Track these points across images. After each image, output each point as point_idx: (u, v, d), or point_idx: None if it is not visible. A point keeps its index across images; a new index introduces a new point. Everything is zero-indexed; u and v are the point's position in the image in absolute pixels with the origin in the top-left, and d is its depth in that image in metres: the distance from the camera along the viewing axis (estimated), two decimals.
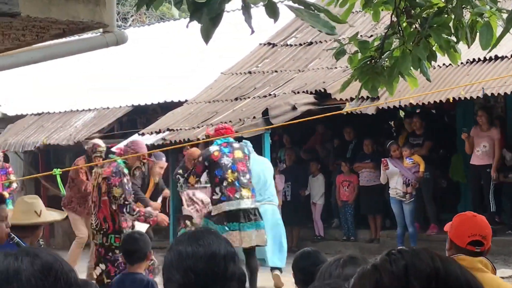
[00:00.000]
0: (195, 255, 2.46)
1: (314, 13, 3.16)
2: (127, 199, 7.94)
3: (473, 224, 4.11)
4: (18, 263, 2.07)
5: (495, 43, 3.95)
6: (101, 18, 4.57)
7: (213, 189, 8.86)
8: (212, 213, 8.84)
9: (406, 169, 11.83)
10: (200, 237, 2.51)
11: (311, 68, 14.21)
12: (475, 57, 11.60)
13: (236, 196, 8.71)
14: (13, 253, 2.11)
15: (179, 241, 2.55)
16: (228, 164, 8.79)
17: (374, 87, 4.85)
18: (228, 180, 8.73)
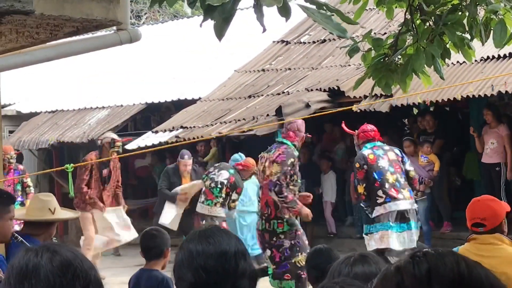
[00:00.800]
0: (205, 253, 2.46)
1: (326, 14, 3.16)
2: (280, 180, 7.92)
3: (473, 208, 4.75)
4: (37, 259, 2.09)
5: (508, 40, 3.93)
6: (115, 16, 4.59)
7: (375, 193, 8.52)
8: (375, 214, 8.53)
9: (420, 167, 11.80)
10: (210, 235, 2.51)
11: (324, 66, 14.19)
12: (489, 55, 11.54)
13: (399, 196, 8.51)
14: (34, 249, 2.14)
15: (189, 239, 2.55)
16: (385, 166, 8.59)
17: (387, 84, 4.84)
18: (389, 181, 8.54)
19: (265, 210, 8.03)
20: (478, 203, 4.81)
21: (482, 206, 4.76)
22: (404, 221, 8.45)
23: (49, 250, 2.12)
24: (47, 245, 2.18)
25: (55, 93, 18.22)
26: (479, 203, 4.81)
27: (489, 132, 11.45)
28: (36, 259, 2.09)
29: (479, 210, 4.71)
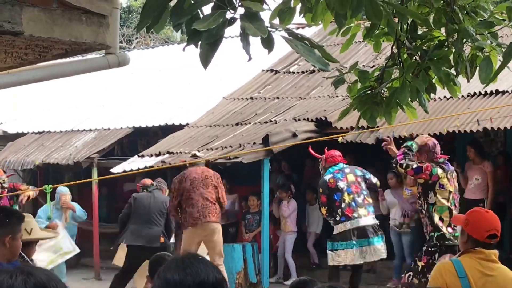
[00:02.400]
0: (183, 284, 2.43)
1: (308, 47, 3.19)
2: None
3: (489, 219, 4.63)
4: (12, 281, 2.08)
5: (493, 77, 3.98)
6: (104, 40, 4.60)
7: (335, 212, 9.55)
8: (334, 232, 9.64)
9: (404, 200, 11.82)
10: (188, 265, 2.47)
11: (312, 96, 14.25)
12: (475, 91, 11.65)
13: (354, 215, 9.48)
14: (9, 271, 2.12)
15: (167, 268, 2.51)
16: (344, 188, 9.57)
17: (372, 117, 4.87)
18: (346, 201, 9.52)
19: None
20: (488, 214, 4.70)
21: (494, 217, 4.67)
22: (363, 237, 9.42)
23: (23, 272, 2.11)
24: (22, 267, 2.17)
25: (42, 114, 18.20)
26: (489, 214, 4.70)
27: (473, 168, 11.51)
28: (11, 280, 2.08)
29: (494, 221, 4.62)
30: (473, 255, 4.55)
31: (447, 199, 8.06)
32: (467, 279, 4.43)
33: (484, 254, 4.52)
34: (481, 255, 4.52)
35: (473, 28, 4.65)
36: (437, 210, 8.04)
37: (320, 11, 4.46)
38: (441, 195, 8.05)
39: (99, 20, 4.55)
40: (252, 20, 2.98)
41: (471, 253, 4.56)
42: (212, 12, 3.01)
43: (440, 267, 4.58)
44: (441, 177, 8.06)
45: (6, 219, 4.55)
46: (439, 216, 8.01)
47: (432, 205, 8.06)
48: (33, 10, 4.20)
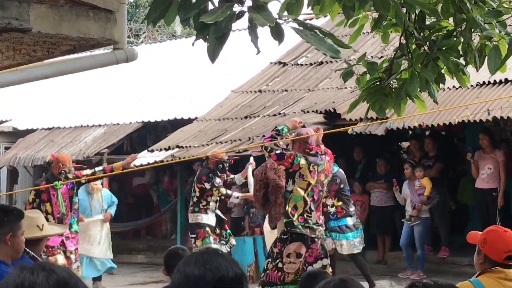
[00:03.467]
0: (202, 279, 2.42)
1: (319, 36, 3.18)
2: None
3: (508, 240, 4.42)
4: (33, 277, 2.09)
5: (500, 66, 3.96)
6: (112, 35, 4.61)
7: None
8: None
9: (414, 192, 11.80)
10: (208, 260, 2.46)
11: (321, 88, 14.23)
12: (485, 80, 11.60)
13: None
14: (30, 267, 2.13)
15: (186, 263, 2.50)
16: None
17: (381, 108, 4.85)
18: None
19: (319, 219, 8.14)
20: (507, 233, 4.47)
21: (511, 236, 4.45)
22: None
23: (45, 269, 2.12)
24: (43, 264, 2.17)
25: (51, 110, 18.23)
26: (507, 233, 4.47)
27: (485, 158, 11.46)
28: (32, 277, 2.09)
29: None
30: (492, 275, 4.39)
31: (305, 189, 8.03)
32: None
33: (504, 273, 4.37)
34: (501, 274, 4.37)
35: (482, 17, 4.63)
36: (292, 198, 8.05)
37: (328, 2, 4.45)
38: (299, 185, 8.03)
39: (106, 16, 4.56)
40: (259, 10, 2.97)
41: (490, 272, 4.40)
42: (220, 5, 3.00)
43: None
44: (302, 167, 8.02)
45: (5, 217, 4.54)
46: (293, 204, 8.02)
47: (289, 192, 8.08)
48: (40, 7, 4.21)
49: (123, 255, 15.20)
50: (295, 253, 8.02)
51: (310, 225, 8.00)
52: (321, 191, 8.15)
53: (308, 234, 7.96)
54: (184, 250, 5.56)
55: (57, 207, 9.83)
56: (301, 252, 8.00)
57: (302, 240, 8.00)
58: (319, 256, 8.05)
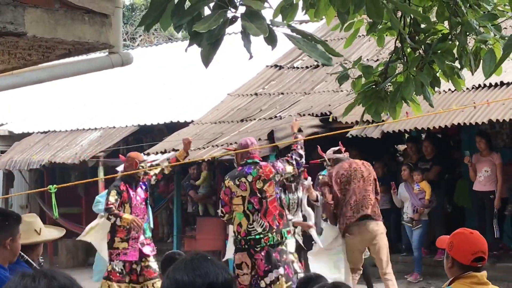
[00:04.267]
0: (192, 285, 2.42)
1: (311, 43, 3.18)
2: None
3: (474, 241, 4.30)
4: (35, 284, 2.08)
5: (495, 69, 3.97)
6: (107, 39, 4.61)
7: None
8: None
9: (414, 195, 11.81)
10: (198, 266, 2.46)
11: (317, 91, 14.24)
12: (480, 83, 11.61)
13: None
14: (31, 274, 2.12)
15: (176, 268, 2.49)
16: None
17: (377, 112, 4.86)
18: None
19: (273, 224, 7.94)
20: (473, 235, 4.36)
21: (479, 238, 4.34)
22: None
23: (46, 276, 2.11)
24: (44, 270, 2.17)
25: (47, 113, 18.23)
26: (474, 235, 4.36)
27: (482, 160, 11.47)
28: (34, 284, 2.08)
29: (480, 243, 4.30)
30: (465, 280, 4.26)
31: (242, 204, 8.04)
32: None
33: (476, 277, 4.23)
34: (474, 279, 4.24)
35: (476, 21, 4.64)
36: (236, 217, 8.13)
37: (322, 6, 4.45)
38: (235, 202, 8.09)
39: (101, 20, 4.55)
40: (253, 18, 2.98)
41: (463, 278, 4.27)
42: (213, 13, 3.01)
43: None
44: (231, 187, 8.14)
45: (6, 221, 4.55)
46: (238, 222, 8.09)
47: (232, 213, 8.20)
48: (35, 11, 4.20)
49: None
50: (245, 263, 7.99)
51: (252, 237, 7.93)
52: (263, 198, 7.99)
53: (252, 244, 7.93)
54: (181, 255, 5.55)
55: (136, 209, 9.26)
56: (247, 262, 7.96)
57: (244, 250, 7.98)
58: (267, 269, 7.89)
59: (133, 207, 9.31)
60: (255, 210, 7.98)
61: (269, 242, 7.92)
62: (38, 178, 17.30)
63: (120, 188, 9.24)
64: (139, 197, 9.38)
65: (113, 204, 9.09)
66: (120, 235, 9.20)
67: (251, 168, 8.09)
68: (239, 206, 8.02)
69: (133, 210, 9.28)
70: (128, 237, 9.18)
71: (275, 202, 8.01)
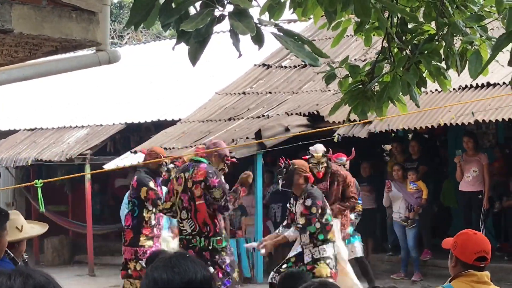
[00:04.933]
0: (171, 282, 2.44)
1: (298, 43, 3.19)
2: (227, 199, 7.83)
3: (477, 241, 4.47)
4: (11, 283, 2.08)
5: (482, 71, 3.99)
6: (94, 37, 4.60)
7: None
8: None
9: (410, 194, 11.83)
10: (176, 264, 2.49)
11: (304, 90, 14.26)
12: (467, 84, 11.67)
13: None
14: (7, 272, 2.12)
15: (154, 267, 2.52)
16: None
17: (363, 111, 4.88)
18: None
19: (203, 229, 7.86)
20: (477, 235, 4.53)
21: (483, 239, 4.51)
22: None
23: (22, 274, 2.12)
24: (21, 269, 2.17)
25: (34, 111, 18.16)
26: (477, 235, 4.53)
27: (469, 161, 11.52)
28: (9, 282, 2.08)
29: (483, 243, 4.46)
30: (465, 279, 4.40)
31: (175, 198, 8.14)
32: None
33: (476, 276, 4.38)
34: (473, 277, 4.39)
35: (463, 21, 4.66)
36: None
37: (310, 5, 4.46)
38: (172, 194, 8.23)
39: (89, 17, 4.55)
40: (240, 17, 2.99)
41: (463, 276, 4.41)
42: (200, 11, 3.01)
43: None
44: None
45: None
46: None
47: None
48: (22, 8, 4.19)
49: (106, 257, 15.16)
50: None
51: (183, 237, 8.02)
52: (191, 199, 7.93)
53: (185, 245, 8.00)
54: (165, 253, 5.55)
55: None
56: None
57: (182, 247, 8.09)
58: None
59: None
60: (184, 207, 8.01)
61: (198, 244, 7.93)
62: (25, 176, 17.24)
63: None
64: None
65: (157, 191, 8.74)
66: (145, 233, 8.82)
67: (191, 165, 8.08)
68: (172, 199, 8.12)
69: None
70: (152, 234, 8.85)
71: (205, 207, 7.89)
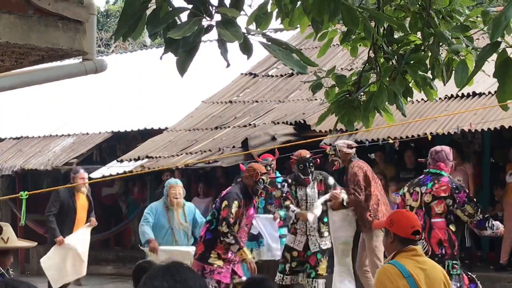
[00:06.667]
0: None
1: (286, 51, 3.20)
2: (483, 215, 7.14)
3: (411, 217, 4.98)
4: None
5: (468, 81, 4.02)
6: (81, 46, 4.59)
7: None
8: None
9: (394, 205, 11.83)
10: (176, 272, 2.46)
11: (291, 99, 14.28)
12: (453, 93, 11.72)
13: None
14: None
15: (153, 276, 2.48)
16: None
17: (350, 121, 4.90)
18: None
19: (437, 251, 7.13)
20: (409, 213, 5.07)
21: (414, 215, 4.99)
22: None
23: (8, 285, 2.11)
24: (6, 280, 2.16)
25: (20, 119, 18.08)
26: (409, 213, 5.06)
27: (455, 170, 11.55)
28: None
29: (415, 219, 4.92)
30: (406, 254, 4.75)
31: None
32: (412, 277, 4.64)
33: (415, 250, 4.78)
34: (413, 251, 4.77)
35: (449, 32, 4.69)
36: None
37: (297, 15, 4.47)
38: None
39: (75, 26, 4.54)
40: (228, 26, 2.99)
41: (404, 252, 4.76)
42: (188, 20, 3.01)
43: (386, 272, 4.71)
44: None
45: None
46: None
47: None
48: (9, 17, 4.18)
49: (92, 266, 15.05)
50: None
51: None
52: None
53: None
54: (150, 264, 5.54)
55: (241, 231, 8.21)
56: None
57: None
58: None
59: (240, 228, 8.29)
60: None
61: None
62: (10, 184, 17.15)
63: (241, 201, 8.26)
64: (246, 219, 8.36)
65: (232, 217, 8.09)
66: (219, 250, 8.19)
67: (429, 178, 7.48)
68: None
69: (239, 232, 8.25)
70: (225, 256, 8.22)
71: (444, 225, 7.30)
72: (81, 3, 4.51)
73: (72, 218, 10.91)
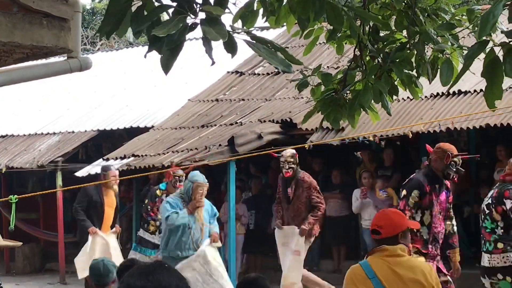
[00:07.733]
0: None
1: (271, 50, 3.20)
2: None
3: (377, 216, 5.00)
4: None
5: (455, 80, 4.03)
6: (65, 44, 4.57)
7: None
8: None
9: (380, 201, 11.86)
10: (151, 273, 2.49)
11: (277, 98, 14.28)
12: (438, 91, 11.76)
13: None
14: None
15: (130, 274, 2.53)
16: None
17: (336, 119, 4.90)
18: None
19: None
20: (381, 212, 5.11)
21: (382, 215, 4.98)
22: None
23: None
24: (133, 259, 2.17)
25: (5, 118, 17.99)
26: (381, 212, 5.10)
27: None
28: None
29: (378, 218, 4.89)
30: (378, 254, 4.73)
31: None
32: (377, 278, 4.61)
33: (387, 250, 4.71)
34: (385, 252, 4.71)
35: (434, 30, 4.70)
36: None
37: (283, 14, 4.47)
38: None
39: (60, 24, 4.52)
40: (212, 24, 2.99)
41: (377, 252, 4.76)
42: (172, 18, 3.00)
43: (350, 273, 4.76)
44: None
45: None
46: None
47: None
48: None
49: None
50: None
51: None
52: None
53: None
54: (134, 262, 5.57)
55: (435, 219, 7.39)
56: None
57: None
58: None
59: (433, 217, 7.38)
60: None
61: None
62: None
63: (425, 188, 7.32)
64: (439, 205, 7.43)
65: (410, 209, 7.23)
66: (417, 245, 7.29)
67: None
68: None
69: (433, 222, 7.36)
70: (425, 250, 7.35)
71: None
72: (66, 1, 4.49)
73: (100, 215, 10.99)
